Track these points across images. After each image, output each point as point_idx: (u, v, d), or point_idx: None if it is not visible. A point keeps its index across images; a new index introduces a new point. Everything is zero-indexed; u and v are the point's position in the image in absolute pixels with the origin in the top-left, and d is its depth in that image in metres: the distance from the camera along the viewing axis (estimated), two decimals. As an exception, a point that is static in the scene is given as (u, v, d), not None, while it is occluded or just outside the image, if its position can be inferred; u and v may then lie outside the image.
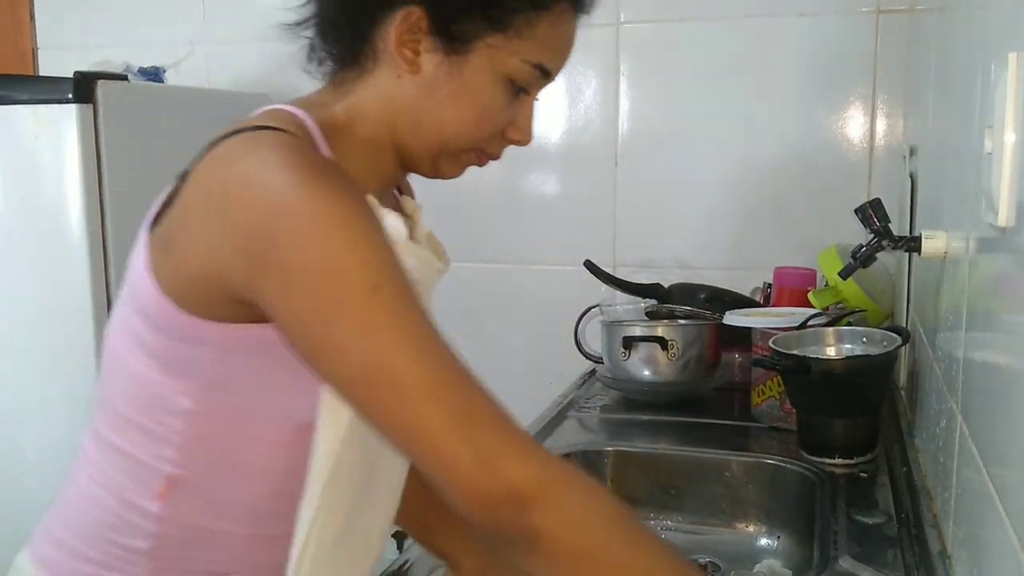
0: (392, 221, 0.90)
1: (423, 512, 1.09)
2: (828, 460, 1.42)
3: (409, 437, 0.77)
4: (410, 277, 0.80)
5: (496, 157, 0.97)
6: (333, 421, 0.87)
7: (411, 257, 0.90)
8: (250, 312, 0.82)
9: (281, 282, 0.77)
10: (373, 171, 0.94)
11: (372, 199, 0.86)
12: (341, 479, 0.89)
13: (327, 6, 0.93)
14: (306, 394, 0.86)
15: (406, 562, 1.15)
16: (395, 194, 1.04)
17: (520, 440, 0.77)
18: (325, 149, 0.88)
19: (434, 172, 0.96)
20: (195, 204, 0.83)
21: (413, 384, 0.75)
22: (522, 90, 0.92)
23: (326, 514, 0.89)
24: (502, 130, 0.94)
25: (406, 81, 0.90)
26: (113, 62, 2.29)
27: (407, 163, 0.96)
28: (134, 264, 0.88)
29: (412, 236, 0.97)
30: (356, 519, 0.94)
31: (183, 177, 0.86)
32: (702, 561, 1.38)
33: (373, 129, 0.92)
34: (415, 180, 1.06)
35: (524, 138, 0.95)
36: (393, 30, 0.88)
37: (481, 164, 0.97)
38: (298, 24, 0.96)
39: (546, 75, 0.94)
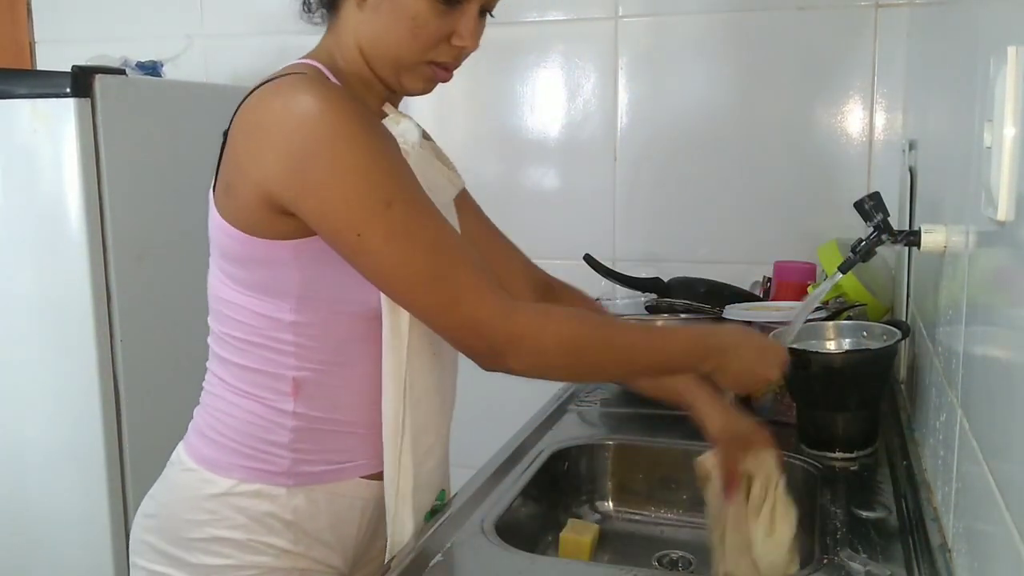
0: (407, 124, 1.14)
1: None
2: (828, 454, 1.42)
3: (428, 319, 1.05)
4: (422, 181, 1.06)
5: (449, 67, 1.12)
6: (390, 304, 1.10)
7: (425, 163, 1.14)
8: (306, 227, 1.03)
9: (317, 201, 1.00)
10: (370, 93, 1.14)
11: (389, 107, 1.14)
12: (415, 358, 1.13)
13: None
14: (367, 284, 1.06)
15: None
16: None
17: (497, 309, 1.02)
18: (335, 82, 1.08)
19: (401, 87, 1.13)
20: (241, 146, 1.04)
21: (421, 280, 1.01)
22: (450, 1, 1.06)
23: (410, 397, 1.14)
24: (447, 39, 1.08)
25: (359, 11, 1.09)
26: (111, 56, 2.29)
27: (382, 81, 1.13)
28: (210, 222, 1.10)
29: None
30: (434, 414, 1.19)
31: (225, 135, 1.07)
32: (674, 556, 1.38)
33: (354, 60, 1.12)
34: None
35: (467, 43, 1.09)
36: None
37: (443, 79, 1.13)
38: None
39: None
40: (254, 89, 1.05)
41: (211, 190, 1.10)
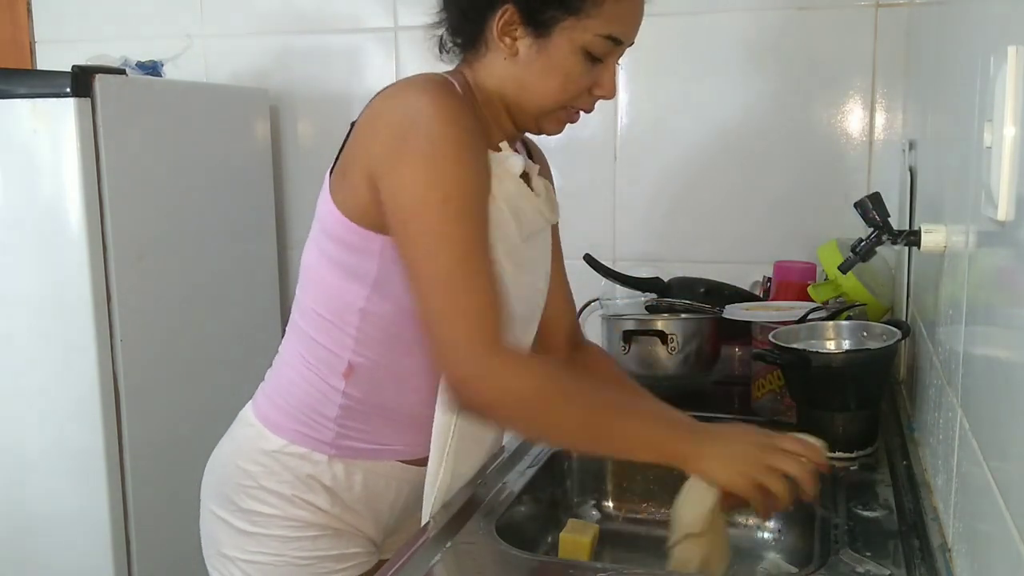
0: (514, 160, 1.21)
1: None
2: (828, 454, 1.41)
3: (427, 322, 1.08)
4: (503, 203, 1.16)
5: (588, 111, 1.23)
6: None
7: (518, 192, 1.21)
8: None
9: (393, 180, 1.08)
10: (496, 125, 1.22)
11: (505, 144, 1.21)
12: None
13: (453, 11, 1.21)
14: None
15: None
16: (525, 154, 1.32)
17: (480, 348, 1.05)
18: (459, 91, 1.15)
19: (539, 130, 1.24)
20: (360, 133, 1.14)
21: (436, 280, 1.06)
22: (597, 58, 1.16)
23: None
24: (588, 89, 1.19)
25: (509, 62, 1.17)
26: (111, 56, 2.29)
27: (518, 124, 1.23)
28: (320, 198, 1.21)
29: (529, 185, 1.26)
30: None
31: (353, 124, 1.17)
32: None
33: (489, 97, 1.21)
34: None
35: (607, 94, 1.20)
36: (495, 25, 1.15)
37: (574, 120, 1.23)
38: (434, 25, 1.24)
39: (618, 43, 1.16)
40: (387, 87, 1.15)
41: (329, 172, 1.20)
